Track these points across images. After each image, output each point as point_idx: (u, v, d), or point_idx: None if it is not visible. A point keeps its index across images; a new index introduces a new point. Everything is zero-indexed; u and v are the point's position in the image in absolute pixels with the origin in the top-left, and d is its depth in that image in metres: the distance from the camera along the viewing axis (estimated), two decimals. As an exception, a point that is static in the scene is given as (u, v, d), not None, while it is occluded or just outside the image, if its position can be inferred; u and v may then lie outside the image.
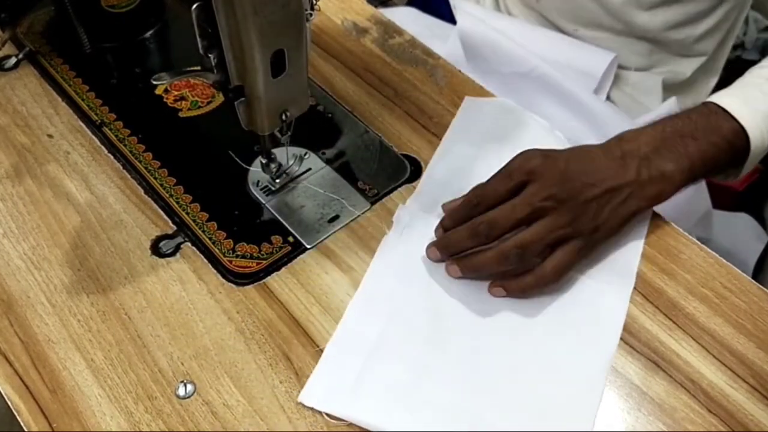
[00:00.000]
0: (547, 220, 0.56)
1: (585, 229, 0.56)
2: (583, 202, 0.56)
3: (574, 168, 0.57)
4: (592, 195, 0.56)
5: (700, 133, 0.59)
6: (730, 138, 0.59)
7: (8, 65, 0.77)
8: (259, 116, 0.58)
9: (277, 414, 0.52)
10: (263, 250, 0.61)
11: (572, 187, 0.56)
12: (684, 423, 0.52)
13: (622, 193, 0.57)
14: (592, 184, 0.56)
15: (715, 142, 0.59)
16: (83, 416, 0.52)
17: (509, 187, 0.57)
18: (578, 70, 0.82)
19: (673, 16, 0.79)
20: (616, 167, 0.57)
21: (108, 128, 0.71)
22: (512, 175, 0.57)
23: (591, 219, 0.56)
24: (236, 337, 0.56)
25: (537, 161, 0.57)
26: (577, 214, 0.56)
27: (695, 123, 0.60)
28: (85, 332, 0.56)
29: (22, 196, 0.65)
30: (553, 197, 0.55)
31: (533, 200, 0.56)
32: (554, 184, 0.56)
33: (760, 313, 0.58)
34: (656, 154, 0.58)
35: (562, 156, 0.58)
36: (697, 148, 0.58)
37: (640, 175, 0.57)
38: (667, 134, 0.59)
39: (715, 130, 0.59)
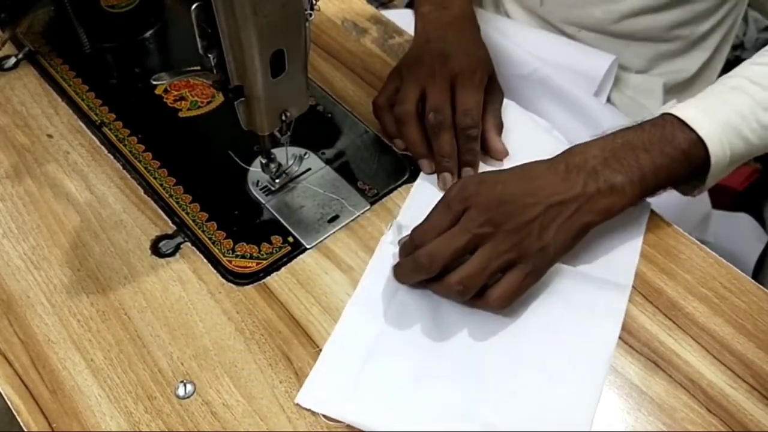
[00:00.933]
0: (489, 246, 0.54)
1: (530, 251, 0.54)
2: (525, 223, 0.54)
3: (512, 189, 0.55)
4: (535, 214, 0.54)
5: (654, 145, 0.57)
6: (685, 149, 0.56)
7: (8, 65, 0.77)
8: (259, 116, 0.58)
9: (277, 414, 0.52)
10: (263, 250, 0.61)
11: (511, 210, 0.54)
12: (684, 423, 0.52)
13: (569, 208, 0.55)
14: (533, 204, 0.54)
15: (668, 153, 0.56)
16: (83, 416, 0.52)
17: (449, 218, 0.55)
18: (579, 72, 0.82)
19: (678, 16, 0.79)
20: (560, 182, 0.56)
21: (108, 128, 0.71)
22: (450, 205, 0.56)
23: (536, 239, 0.54)
24: (236, 337, 0.56)
25: (472, 188, 0.55)
26: (520, 236, 0.54)
27: (648, 134, 0.57)
28: (84, 332, 0.56)
29: (22, 196, 0.65)
30: (490, 222, 0.54)
31: (470, 227, 0.54)
32: (490, 208, 0.54)
33: (760, 313, 0.58)
34: (604, 167, 0.56)
35: (500, 178, 0.57)
36: (650, 160, 0.56)
37: (587, 187, 0.55)
38: (617, 146, 0.57)
39: (668, 141, 0.57)
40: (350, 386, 0.53)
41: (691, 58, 0.85)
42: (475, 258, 0.54)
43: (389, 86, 0.70)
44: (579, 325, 0.57)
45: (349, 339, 0.56)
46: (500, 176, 0.57)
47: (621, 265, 0.60)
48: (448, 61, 0.67)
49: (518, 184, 0.56)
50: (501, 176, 0.57)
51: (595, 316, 0.57)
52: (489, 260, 0.54)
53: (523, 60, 0.81)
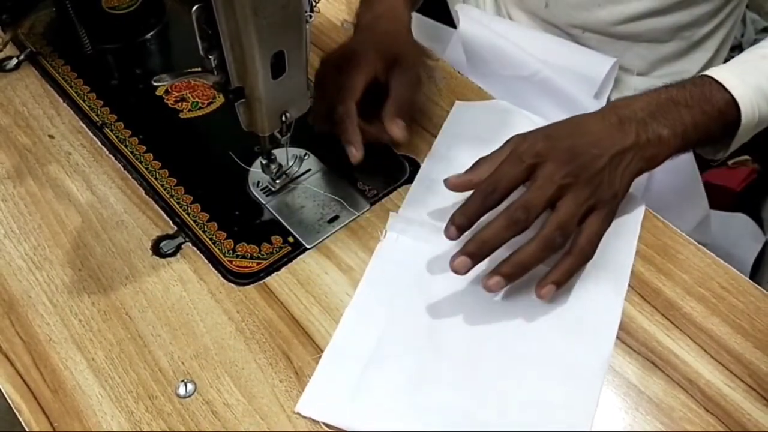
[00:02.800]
0: (572, 195, 0.57)
1: (606, 197, 0.58)
2: (598, 172, 0.57)
3: (578, 142, 0.58)
4: (603, 164, 0.58)
5: (694, 101, 0.61)
6: (722, 107, 0.61)
7: (9, 66, 0.77)
8: (260, 117, 0.58)
9: (277, 413, 0.52)
10: (263, 251, 0.62)
11: (583, 161, 0.57)
12: (681, 422, 0.52)
13: (628, 156, 0.59)
14: (599, 155, 0.58)
15: (707, 111, 0.61)
16: (84, 416, 0.52)
17: (522, 170, 0.57)
18: (579, 74, 0.82)
19: (682, 18, 0.79)
20: (616, 133, 0.59)
21: (109, 129, 0.71)
22: (522, 158, 0.57)
23: (608, 186, 0.58)
24: (236, 337, 0.56)
25: (542, 143, 0.58)
26: (595, 184, 0.57)
27: (689, 92, 0.62)
28: (86, 332, 0.56)
29: (24, 196, 0.66)
30: (570, 174, 0.57)
31: (555, 179, 0.56)
32: (567, 162, 0.57)
33: (758, 313, 0.58)
34: (652, 119, 0.60)
35: (562, 133, 0.60)
36: (690, 116, 0.60)
37: (639, 137, 0.59)
38: (662, 101, 0.61)
39: (707, 99, 0.61)
40: (350, 393, 0.53)
41: (691, 60, 0.85)
42: (564, 206, 0.56)
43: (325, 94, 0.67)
44: (576, 325, 0.57)
45: (349, 345, 0.56)
46: (561, 130, 0.60)
47: (616, 264, 0.61)
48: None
49: (582, 136, 0.59)
50: (562, 130, 0.60)
51: (592, 315, 0.57)
52: (577, 207, 0.56)
53: (524, 62, 0.81)
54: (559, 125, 0.61)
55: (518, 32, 0.86)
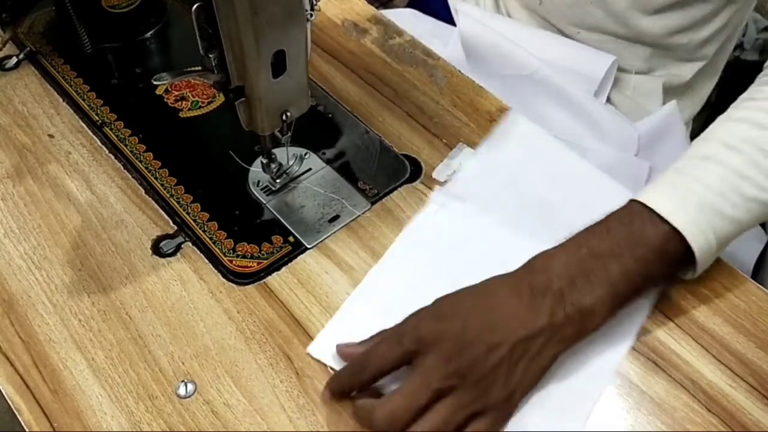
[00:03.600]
0: (451, 400, 0.49)
1: (497, 401, 0.49)
2: (491, 370, 0.49)
3: (473, 327, 0.49)
4: (500, 357, 0.49)
5: (622, 248, 0.51)
6: (658, 246, 0.52)
7: (9, 65, 0.77)
8: (260, 116, 0.58)
9: (278, 413, 0.52)
10: (264, 250, 0.61)
11: (474, 356, 0.48)
12: (683, 422, 0.52)
13: (536, 343, 0.50)
14: (497, 344, 0.49)
15: (640, 255, 0.51)
16: (84, 416, 0.52)
17: (398, 354, 0.50)
18: (578, 72, 0.82)
19: (676, 21, 0.79)
20: (525, 311, 0.50)
21: (109, 128, 0.71)
22: (402, 340, 0.50)
23: (502, 387, 0.49)
24: (237, 337, 0.56)
25: (429, 325, 0.50)
26: (483, 387, 0.49)
27: (614, 236, 0.52)
28: (86, 332, 0.56)
29: (23, 195, 0.65)
30: (454, 374, 0.48)
31: (431, 380, 0.48)
32: (451, 357, 0.48)
33: (760, 313, 0.58)
34: (571, 287, 0.51)
35: (458, 309, 0.51)
36: (620, 269, 0.51)
37: (554, 317, 0.50)
38: (583, 258, 0.52)
39: (639, 240, 0.52)
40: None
41: (690, 64, 0.85)
42: (437, 413, 0.48)
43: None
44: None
45: (367, 302, 0.57)
46: (458, 306, 0.51)
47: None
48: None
49: (479, 317, 0.50)
50: (459, 306, 0.51)
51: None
52: (453, 415, 0.48)
53: (524, 60, 0.81)
54: (458, 297, 0.52)
55: (518, 31, 0.86)
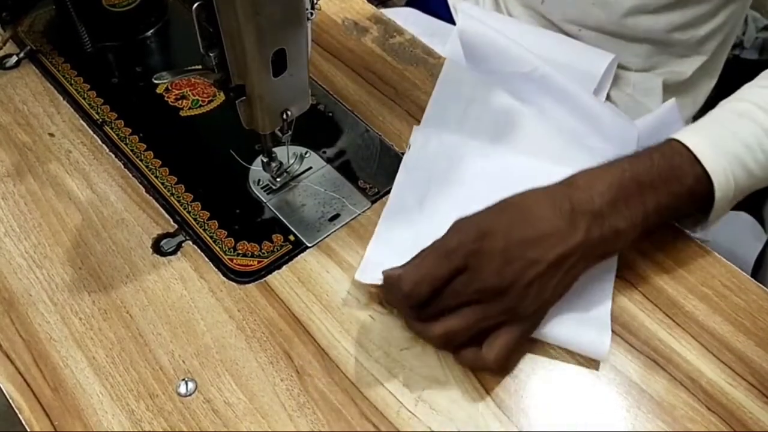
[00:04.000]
0: (483, 308, 0.51)
1: (527, 313, 0.52)
2: (527, 284, 0.51)
3: (515, 238, 0.51)
4: (536, 274, 0.51)
5: (661, 180, 0.54)
6: (691, 184, 0.55)
7: (9, 64, 0.77)
8: (260, 115, 0.58)
9: (278, 412, 0.52)
10: (264, 249, 0.61)
11: (514, 271, 0.50)
12: (683, 421, 0.52)
13: (570, 260, 0.52)
14: (536, 260, 0.51)
15: (674, 191, 0.55)
16: (85, 414, 0.52)
17: (448, 271, 0.51)
18: (578, 70, 0.82)
19: (677, 19, 0.79)
20: (565, 227, 0.52)
21: (109, 127, 0.71)
22: (450, 258, 0.51)
23: (534, 300, 0.51)
24: (237, 335, 0.56)
25: (474, 243, 0.51)
26: (518, 299, 0.51)
27: (657, 168, 0.55)
28: (86, 330, 0.56)
29: (24, 194, 0.65)
30: (492, 289, 0.51)
31: (470, 290, 0.51)
32: (494, 273, 0.50)
33: (760, 312, 0.58)
34: (611, 209, 0.53)
35: (502, 225, 0.52)
36: (655, 200, 0.54)
37: (590, 233, 0.52)
38: (625, 182, 0.54)
39: (677, 177, 0.55)
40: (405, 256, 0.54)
41: (690, 61, 0.85)
42: (462, 313, 0.51)
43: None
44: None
45: (395, 225, 0.61)
46: (502, 220, 0.52)
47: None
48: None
49: (521, 230, 0.52)
50: (503, 220, 0.52)
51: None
52: (479, 321, 0.51)
53: (523, 58, 0.81)
54: (502, 210, 0.53)
55: (517, 28, 0.86)
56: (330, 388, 0.54)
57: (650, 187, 0.54)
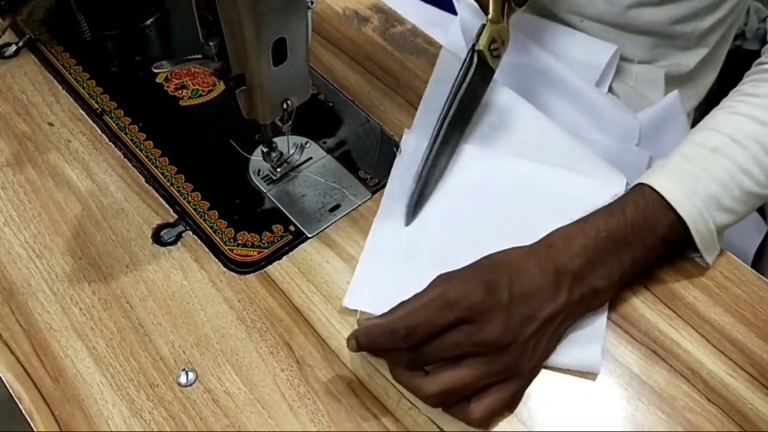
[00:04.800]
0: (484, 362, 0.50)
1: (523, 371, 0.52)
2: (524, 342, 0.51)
3: (517, 293, 0.51)
4: (532, 331, 0.51)
5: (635, 235, 0.55)
6: (666, 235, 0.56)
7: (8, 53, 0.77)
8: (260, 105, 0.58)
9: (279, 402, 0.52)
10: (264, 239, 0.61)
11: (515, 326, 0.50)
12: (683, 412, 0.52)
13: (558, 318, 0.53)
14: (531, 318, 0.51)
15: (648, 243, 0.55)
16: (85, 404, 0.52)
17: (448, 321, 0.49)
18: (580, 62, 0.81)
19: (680, 11, 0.79)
20: (551, 288, 0.52)
21: (109, 116, 0.71)
22: (453, 308, 0.49)
23: (529, 358, 0.51)
24: (237, 326, 0.56)
25: (479, 296, 0.50)
26: (515, 356, 0.51)
27: (630, 222, 0.55)
28: (86, 320, 0.56)
29: (23, 184, 0.65)
30: (495, 343, 0.50)
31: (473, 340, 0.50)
32: (498, 327, 0.50)
33: (760, 303, 0.58)
34: (589, 270, 0.54)
35: (501, 282, 0.51)
36: (630, 257, 0.55)
37: (573, 295, 0.53)
38: (601, 242, 0.54)
39: (650, 228, 0.55)
40: (394, 283, 0.57)
41: (692, 53, 0.85)
42: (464, 371, 0.50)
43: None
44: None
45: (381, 246, 0.60)
46: (503, 276, 0.52)
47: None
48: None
49: (520, 286, 0.52)
50: (503, 276, 0.52)
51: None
52: (479, 379, 0.50)
53: (525, 49, 0.81)
54: (499, 266, 0.53)
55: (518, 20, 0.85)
56: (330, 378, 0.54)
57: (624, 243, 0.55)
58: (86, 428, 0.51)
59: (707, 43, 0.84)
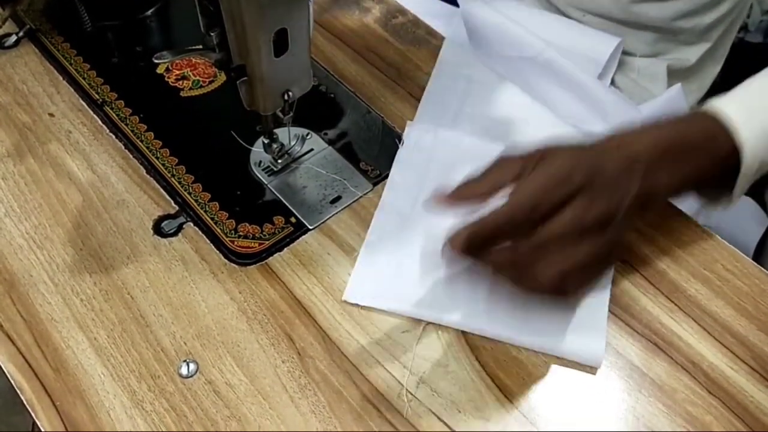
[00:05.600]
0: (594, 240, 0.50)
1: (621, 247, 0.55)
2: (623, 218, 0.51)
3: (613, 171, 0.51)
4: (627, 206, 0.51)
5: (698, 148, 0.55)
6: (723, 155, 0.55)
7: (9, 43, 0.77)
8: (261, 96, 0.57)
9: (280, 393, 0.52)
10: (265, 231, 0.61)
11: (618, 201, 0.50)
12: (684, 404, 0.52)
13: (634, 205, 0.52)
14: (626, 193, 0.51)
15: (710, 160, 0.55)
16: (86, 395, 0.52)
17: (565, 193, 0.49)
18: (583, 55, 0.81)
19: (683, 7, 0.78)
20: (626, 174, 0.53)
21: (109, 107, 0.70)
22: (573, 180, 0.49)
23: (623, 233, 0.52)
24: (238, 317, 0.56)
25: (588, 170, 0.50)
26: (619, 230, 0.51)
27: (694, 137, 0.55)
28: (87, 311, 0.56)
29: (24, 175, 0.65)
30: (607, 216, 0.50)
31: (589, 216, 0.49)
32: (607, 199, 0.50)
33: (762, 296, 0.58)
34: (660, 163, 0.54)
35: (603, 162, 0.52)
36: (695, 161, 0.55)
37: (644, 182, 0.53)
38: (665, 145, 0.54)
39: (713, 146, 0.55)
40: (393, 278, 0.58)
41: (695, 48, 0.85)
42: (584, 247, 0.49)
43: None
44: None
45: (380, 242, 0.60)
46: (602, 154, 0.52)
47: None
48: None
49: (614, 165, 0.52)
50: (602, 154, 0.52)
51: None
52: (593, 258, 0.50)
53: (528, 42, 0.80)
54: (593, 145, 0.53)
55: (521, 12, 0.85)
56: (331, 369, 0.54)
57: (691, 148, 0.55)
58: (88, 419, 0.51)
59: (710, 37, 0.84)
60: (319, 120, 0.70)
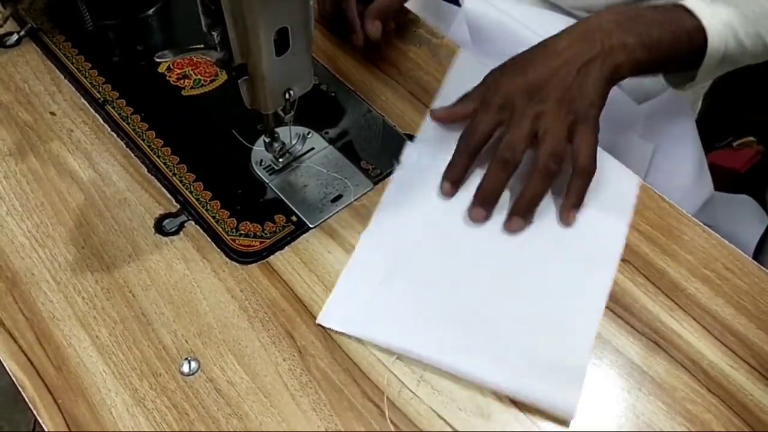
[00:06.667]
0: (550, 120, 0.59)
1: (583, 108, 0.60)
2: (567, 88, 0.59)
3: (542, 67, 0.61)
4: (570, 79, 0.60)
5: (662, 22, 0.62)
6: (689, 29, 0.62)
7: (10, 42, 0.77)
8: (263, 95, 0.58)
9: (281, 391, 0.53)
10: (266, 229, 0.61)
11: (550, 83, 0.60)
12: (684, 403, 0.53)
13: (595, 65, 0.60)
14: (565, 71, 0.60)
15: (674, 31, 0.62)
16: (88, 392, 0.52)
17: (492, 114, 0.61)
18: None
19: None
20: (580, 44, 0.61)
21: (111, 106, 0.71)
22: (490, 102, 0.61)
23: (582, 98, 0.60)
24: (240, 315, 0.56)
25: (506, 83, 0.61)
26: (568, 100, 0.59)
27: (658, 12, 0.63)
28: (89, 309, 0.56)
29: (26, 173, 0.65)
30: (540, 100, 0.59)
31: (527, 112, 0.60)
32: (534, 91, 0.60)
33: (762, 294, 0.58)
34: (618, 28, 0.61)
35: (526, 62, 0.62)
36: (658, 32, 0.61)
37: (604, 44, 0.61)
38: (630, 14, 0.62)
39: (675, 20, 0.62)
40: (368, 306, 0.57)
41: None
42: (547, 134, 0.59)
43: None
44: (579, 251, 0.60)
45: (364, 266, 0.59)
46: (525, 60, 0.63)
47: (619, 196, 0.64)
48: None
49: (546, 59, 0.62)
50: (526, 59, 0.63)
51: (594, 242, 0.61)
52: (559, 130, 0.59)
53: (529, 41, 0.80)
54: (524, 54, 0.63)
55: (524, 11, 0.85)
56: (332, 367, 0.54)
57: (653, 21, 0.62)
58: (89, 417, 0.51)
59: None
60: (320, 119, 0.70)
